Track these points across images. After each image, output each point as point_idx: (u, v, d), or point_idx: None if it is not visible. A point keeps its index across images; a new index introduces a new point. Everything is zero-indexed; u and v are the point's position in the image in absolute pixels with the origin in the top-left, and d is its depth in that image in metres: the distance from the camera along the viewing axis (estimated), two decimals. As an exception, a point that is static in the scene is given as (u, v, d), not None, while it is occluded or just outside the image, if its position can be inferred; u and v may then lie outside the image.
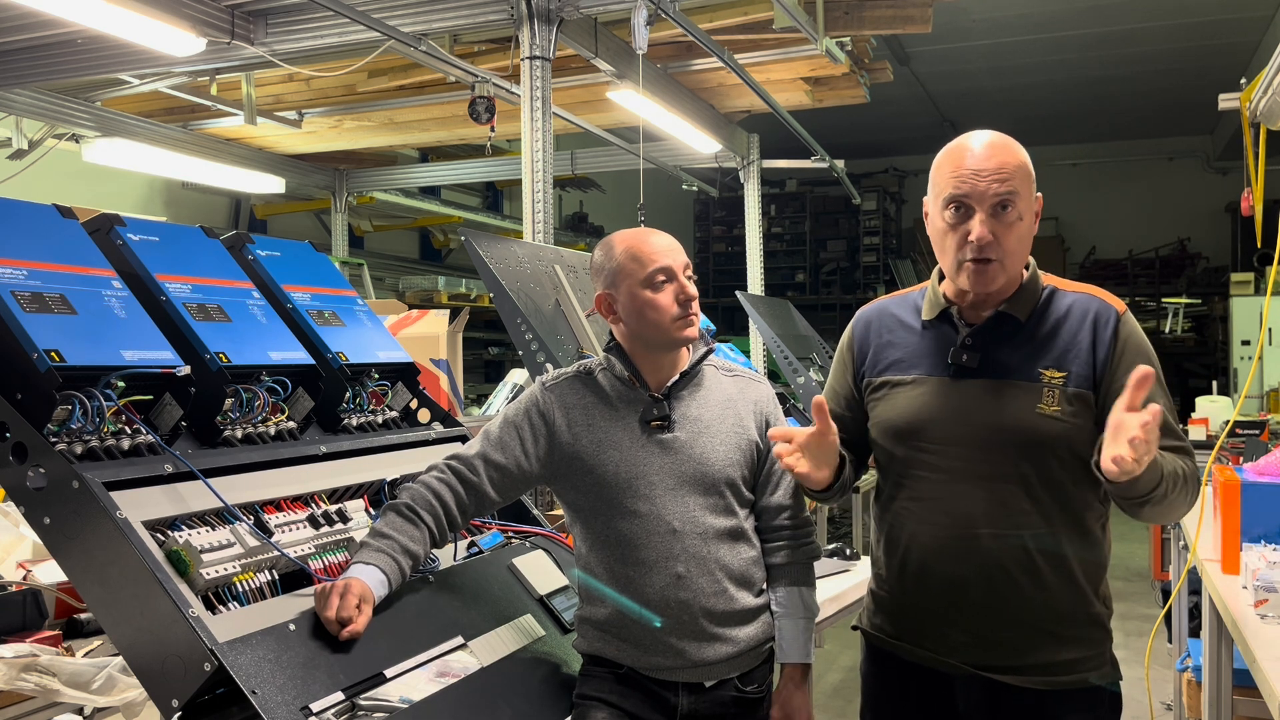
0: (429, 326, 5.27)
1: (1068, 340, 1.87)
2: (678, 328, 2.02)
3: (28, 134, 7.23)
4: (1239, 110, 3.83)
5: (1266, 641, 2.32)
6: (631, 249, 2.03)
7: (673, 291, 2.01)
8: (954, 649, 1.91)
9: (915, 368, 1.95)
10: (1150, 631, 3.60)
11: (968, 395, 1.88)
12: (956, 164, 1.84)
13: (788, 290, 16.18)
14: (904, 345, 1.98)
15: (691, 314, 2.03)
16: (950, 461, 1.89)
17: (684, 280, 2.03)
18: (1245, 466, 3.31)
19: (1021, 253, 1.86)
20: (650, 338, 2.04)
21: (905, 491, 1.95)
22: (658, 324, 2.01)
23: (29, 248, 1.82)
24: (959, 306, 1.93)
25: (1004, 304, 1.90)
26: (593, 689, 1.99)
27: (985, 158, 1.81)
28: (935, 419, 1.90)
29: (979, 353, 1.89)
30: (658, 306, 2.01)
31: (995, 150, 1.83)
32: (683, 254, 2.06)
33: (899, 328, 2.01)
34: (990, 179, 1.80)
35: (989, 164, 1.81)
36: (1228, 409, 6.43)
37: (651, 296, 2.01)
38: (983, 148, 1.83)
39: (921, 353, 1.95)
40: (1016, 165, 1.82)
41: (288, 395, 2.09)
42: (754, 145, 8.64)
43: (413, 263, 12.07)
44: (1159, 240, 16.10)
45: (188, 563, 1.68)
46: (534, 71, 4.83)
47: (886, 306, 2.06)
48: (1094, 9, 9.99)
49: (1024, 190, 1.82)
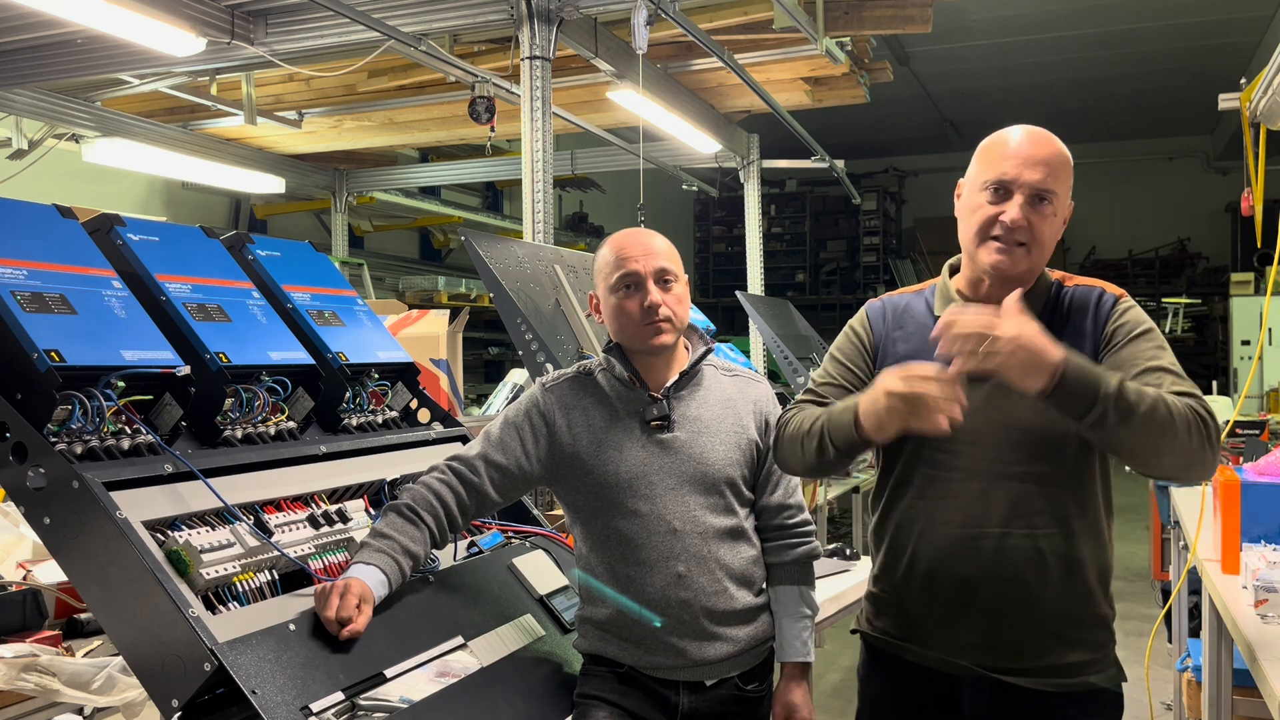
0: (429, 326, 5.27)
1: (1073, 333, 1.86)
2: (644, 334, 2.01)
3: (28, 134, 7.23)
4: (1239, 110, 3.83)
5: (1266, 641, 2.32)
6: (613, 250, 2.05)
7: (639, 298, 2.01)
8: (962, 650, 1.89)
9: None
10: (1150, 631, 3.60)
11: (980, 394, 1.84)
12: (1004, 148, 1.86)
13: (788, 290, 16.20)
14: (914, 339, 1.97)
15: (658, 320, 2.00)
16: (961, 460, 1.87)
17: (651, 287, 2.00)
18: (1245, 466, 3.31)
19: (1048, 247, 1.87)
20: (624, 341, 2.05)
21: (913, 490, 1.93)
22: (623, 328, 2.03)
23: (29, 248, 1.82)
24: (973, 303, 1.93)
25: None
26: (594, 688, 1.99)
27: (1035, 146, 1.85)
28: None
29: None
30: (624, 311, 2.02)
31: (1044, 143, 1.86)
32: (662, 259, 2.03)
33: (911, 322, 1.99)
34: (1036, 167, 1.83)
35: (1038, 153, 1.84)
36: (1228, 409, 6.43)
37: (617, 301, 2.02)
38: (1033, 137, 1.86)
39: (932, 349, 1.92)
40: (1062, 162, 1.85)
41: (288, 395, 2.09)
42: (754, 145, 8.64)
43: (413, 263, 12.07)
44: (1159, 240, 16.12)
45: (188, 563, 1.68)
46: (534, 71, 4.83)
47: (898, 301, 2.04)
48: (1094, 9, 10.00)
49: (1062, 189, 1.85)
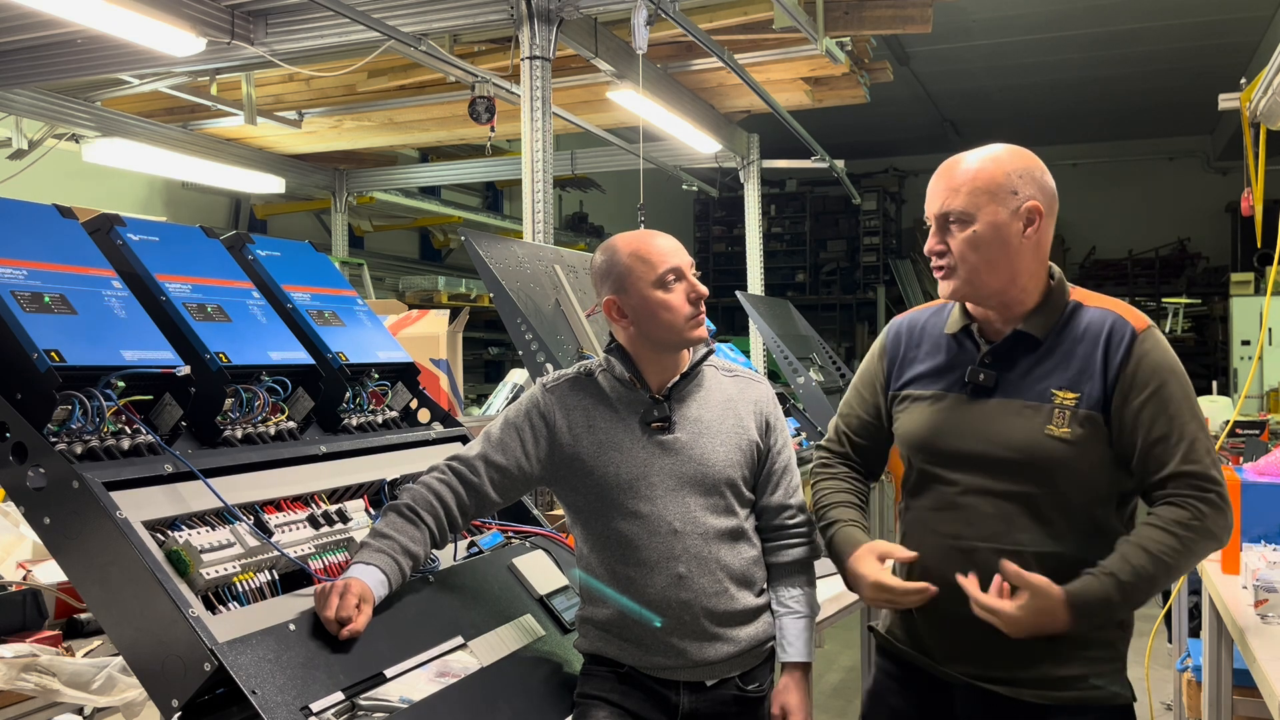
0: (429, 326, 5.27)
1: (1083, 360, 1.86)
2: (690, 327, 2.03)
3: (28, 134, 7.23)
4: (1239, 110, 3.83)
5: (1266, 641, 2.32)
6: (638, 251, 2.03)
7: (684, 290, 2.02)
8: (952, 658, 1.93)
9: (935, 383, 1.98)
10: (1150, 631, 3.60)
11: (981, 414, 1.90)
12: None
13: (788, 290, 16.19)
14: (928, 360, 2.02)
15: (702, 313, 2.05)
16: (958, 476, 1.91)
17: (693, 279, 2.04)
18: (1245, 466, 3.31)
19: (976, 261, 1.86)
20: (661, 338, 2.03)
21: (919, 501, 1.99)
22: (671, 324, 2.02)
23: (29, 248, 1.82)
24: (978, 323, 1.96)
25: (1022, 322, 1.90)
26: (594, 688, 1.99)
27: (939, 178, 1.92)
28: (948, 434, 1.93)
29: (995, 371, 1.91)
30: (670, 306, 2.01)
31: (949, 170, 1.91)
32: (687, 254, 2.07)
33: (926, 340, 2.04)
34: (935, 198, 1.90)
35: (939, 185, 1.91)
36: (1228, 409, 6.42)
37: (664, 297, 2.01)
38: (941, 170, 1.93)
39: (942, 368, 1.99)
40: (968, 179, 1.87)
41: (288, 395, 2.09)
42: (754, 145, 8.63)
43: (413, 263, 12.06)
44: (1159, 240, 16.11)
45: (188, 563, 1.68)
46: (534, 71, 4.83)
47: (919, 318, 2.09)
48: (1094, 9, 9.99)
49: (974, 203, 1.85)
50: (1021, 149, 1.91)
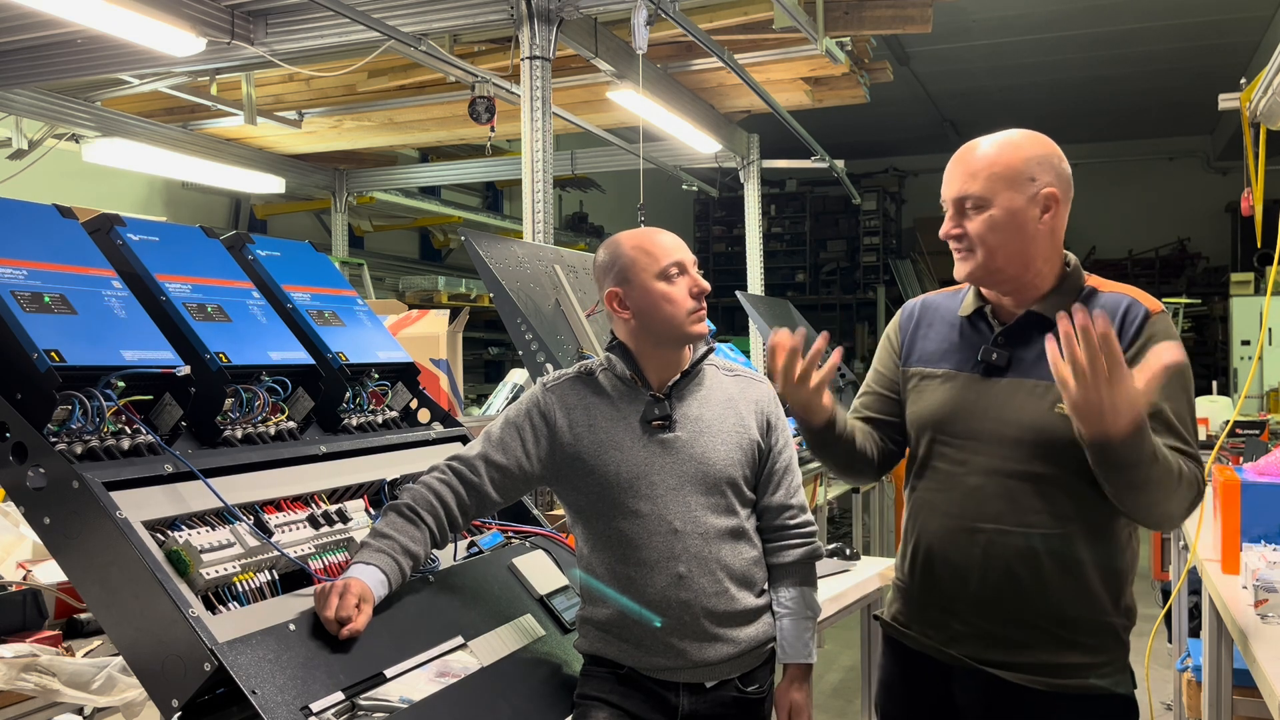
0: (429, 326, 5.27)
1: None
2: (691, 321, 2.03)
3: (28, 134, 7.22)
4: (1239, 110, 3.83)
5: (1266, 641, 2.32)
6: (642, 245, 2.05)
7: (686, 285, 2.03)
8: (954, 640, 1.94)
9: (946, 362, 2.00)
10: (1150, 631, 3.60)
11: (992, 393, 1.91)
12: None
13: (788, 290, 16.18)
14: (939, 339, 2.03)
15: (703, 308, 2.05)
16: (966, 455, 1.92)
17: (696, 275, 2.05)
18: (1245, 466, 3.31)
19: (993, 242, 1.87)
20: (662, 332, 2.04)
21: (925, 482, 2.00)
22: (672, 317, 2.02)
23: (29, 248, 1.82)
24: (992, 305, 1.97)
25: (1035, 304, 1.91)
26: (594, 689, 1.99)
27: (956, 164, 1.92)
28: (958, 413, 1.94)
29: (1008, 351, 1.92)
30: (673, 299, 2.02)
31: (966, 155, 1.92)
32: (689, 251, 2.09)
33: (939, 321, 2.05)
34: (953, 183, 1.91)
35: (956, 170, 1.92)
36: (1228, 409, 6.42)
37: (666, 289, 2.02)
38: (958, 156, 1.93)
39: (954, 348, 2.00)
40: (986, 164, 1.87)
41: (288, 395, 2.09)
42: (754, 145, 8.63)
43: (413, 263, 12.06)
44: (1159, 240, 16.10)
45: (188, 563, 1.68)
46: (534, 71, 4.83)
47: (934, 299, 2.12)
48: (1094, 9, 9.99)
49: (990, 188, 1.86)
50: (1039, 135, 1.91)
